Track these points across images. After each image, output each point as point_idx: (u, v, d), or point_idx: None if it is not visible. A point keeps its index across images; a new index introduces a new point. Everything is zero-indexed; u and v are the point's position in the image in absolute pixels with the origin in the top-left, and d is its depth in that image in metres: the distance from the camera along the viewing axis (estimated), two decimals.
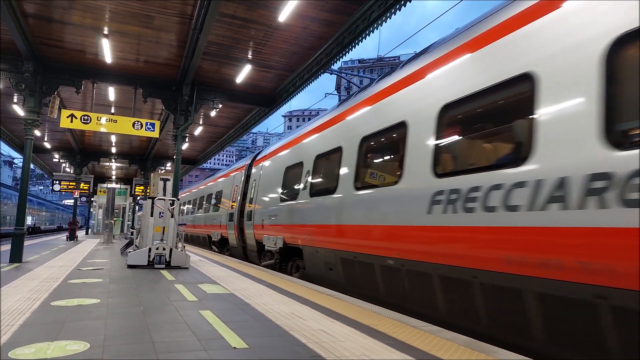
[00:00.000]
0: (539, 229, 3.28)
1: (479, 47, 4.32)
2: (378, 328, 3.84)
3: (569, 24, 3.38)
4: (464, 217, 4.02)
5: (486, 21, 4.44)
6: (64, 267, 8.27)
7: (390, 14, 7.70)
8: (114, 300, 4.91)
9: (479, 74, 4.21)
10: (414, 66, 5.44)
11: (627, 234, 2.67)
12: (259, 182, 11.15)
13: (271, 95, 12.72)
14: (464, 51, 4.54)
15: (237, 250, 12.78)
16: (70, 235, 20.06)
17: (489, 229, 3.73)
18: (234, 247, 13.04)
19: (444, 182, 4.38)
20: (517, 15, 3.96)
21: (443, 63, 4.80)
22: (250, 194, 11.70)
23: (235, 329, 3.67)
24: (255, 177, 11.61)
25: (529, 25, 3.78)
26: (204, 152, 22.18)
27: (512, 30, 3.95)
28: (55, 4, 7.96)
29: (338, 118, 7.44)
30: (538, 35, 3.64)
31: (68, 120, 10.44)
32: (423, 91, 5.05)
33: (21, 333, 3.37)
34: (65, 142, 20.23)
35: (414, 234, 4.78)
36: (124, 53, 10.11)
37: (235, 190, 13.38)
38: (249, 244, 11.47)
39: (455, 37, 4.86)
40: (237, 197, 13.00)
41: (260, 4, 7.81)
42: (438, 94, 4.74)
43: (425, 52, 5.42)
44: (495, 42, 4.12)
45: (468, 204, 3.98)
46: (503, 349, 3.29)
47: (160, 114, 14.77)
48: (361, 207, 5.98)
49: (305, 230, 7.80)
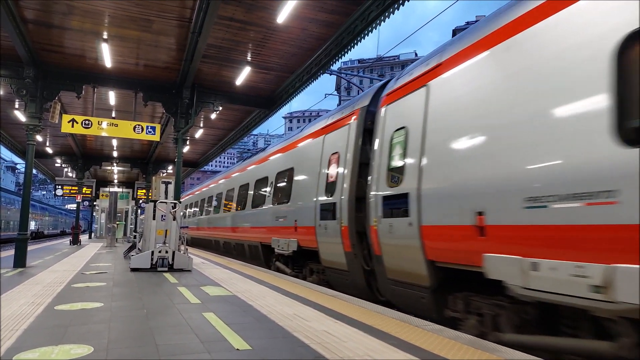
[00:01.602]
0: None
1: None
2: (381, 328, 3.84)
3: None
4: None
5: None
6: (67, 271, 8.29)
7: (389, 14, 7.70)
8: (117, 303, 4.92)
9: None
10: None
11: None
12: (427, 134, 4.91)
13: (271, 96, 12.74)
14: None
15: (347, 277, 6.88)
16: (73, 239, 20.10)
17: None
18: (337, 268, 7.13)
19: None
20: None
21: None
22: (384, 163, 5.70)
23: (238, 331, 3.68)
24: (405, 125, 5.38)
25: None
26: (205, 154, 22.20)
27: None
28: (54, 9, 7.99)
29: None
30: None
31: (69, 125, 10.47)
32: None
33: (25, 337, 3.38)
34: (67, 147, 20.28)
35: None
36: (124, 57, 10.14)
37: (334, 162, 7.46)
38: (391, 264, 5.39)
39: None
40: (344, 173, 7.01)
41: (259, 6, 7.82)
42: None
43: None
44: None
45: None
46: (507, 348, 3.28)
47: (160, 117, 14.80)
48: None
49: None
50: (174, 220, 9.04)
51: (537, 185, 3.35)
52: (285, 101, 12.42)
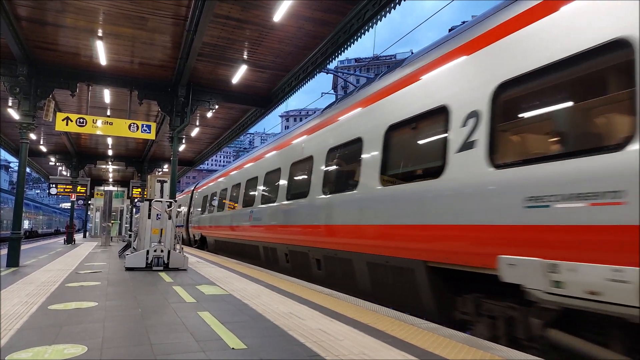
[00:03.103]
0: None
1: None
2: (376, 326, 3.84)
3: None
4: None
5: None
6: (61, 270, 8.24)
7: (385, 13, 7.70)
8: (111, 303, 4.89)
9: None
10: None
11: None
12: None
13: (267, 95, 12.72)
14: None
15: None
16: (67, 238, 19.99)
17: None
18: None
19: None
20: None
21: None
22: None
23: (233, 330, 3.67)
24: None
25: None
26: (201, 153, 22.14)
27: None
28: (48, 6, 7.92)
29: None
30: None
31: (63, 124, 10.40)
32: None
33: (19, 337, 3.35)
34: (61, 145, 20.15)
35: None
36: (119, 55, 10.08)
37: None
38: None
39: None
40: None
41: (255, 4, 7.80)
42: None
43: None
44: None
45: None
46: (501, 346, 3.30)
47: (156, 115, 14.74)
48: None
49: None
50: (169, 219, 9.01)
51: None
52: (282, 100, 12.41)
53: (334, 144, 7.17)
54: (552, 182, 3.31)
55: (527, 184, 3.52)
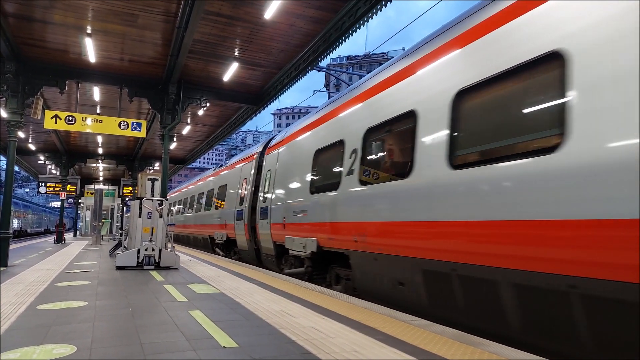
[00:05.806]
0: None
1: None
2: (368, 323, 3.86)
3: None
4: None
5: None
6: (50, 270, 8.15)
7: (377, 10, 7.71)
8: (102, 302, 4.85)
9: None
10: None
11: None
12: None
13: (259, 93, 12.67)
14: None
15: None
16: (57, 237, 19.77)
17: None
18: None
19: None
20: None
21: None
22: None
23: (225, 329, 3.66)
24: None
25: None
26: (193, 151, 22.00)
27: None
28: (36, 3, 7.80)
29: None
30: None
31: (52, 121, 10.27)
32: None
33: (6, 338, 3.31)
34: (50, 144, 19.90)
35: None
36: (108, 52, 9.97)
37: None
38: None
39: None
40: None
41: (246, 2, 7.76)
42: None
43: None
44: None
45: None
46: (491, 341, 3.33)
47: (147, 113, 14.61)
48: None
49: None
50: (160, 217, 8.95)
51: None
52: (274, 97, 12.37)
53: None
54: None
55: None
